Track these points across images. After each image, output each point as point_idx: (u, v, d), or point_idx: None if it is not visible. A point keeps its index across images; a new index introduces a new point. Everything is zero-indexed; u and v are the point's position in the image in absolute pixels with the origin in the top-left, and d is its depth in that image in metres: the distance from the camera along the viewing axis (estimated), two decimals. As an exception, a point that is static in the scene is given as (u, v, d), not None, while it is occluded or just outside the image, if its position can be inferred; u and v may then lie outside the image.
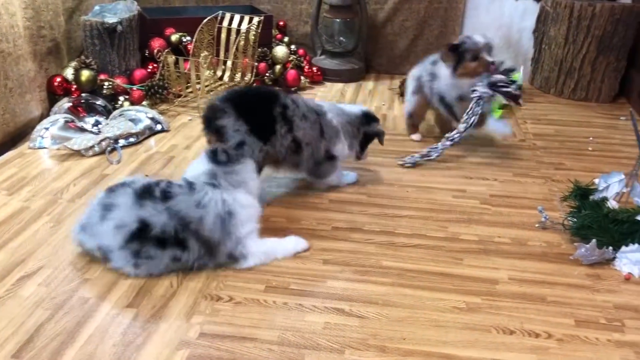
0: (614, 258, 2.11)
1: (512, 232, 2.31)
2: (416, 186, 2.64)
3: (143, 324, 1.74)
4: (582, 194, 2.25)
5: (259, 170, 2.32)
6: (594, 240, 2.08)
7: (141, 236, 1.87)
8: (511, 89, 2.78)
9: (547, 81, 3.85)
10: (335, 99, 3.68)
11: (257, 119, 2.30)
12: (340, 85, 3.92)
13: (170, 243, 1.90)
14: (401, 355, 1.66)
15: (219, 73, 3.66)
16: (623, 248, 2.10)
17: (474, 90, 2.81)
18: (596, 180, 2.35)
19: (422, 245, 2.21)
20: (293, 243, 2.15)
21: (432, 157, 2.87)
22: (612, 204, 2.24)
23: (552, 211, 2.39)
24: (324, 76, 3.95)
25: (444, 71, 2.91)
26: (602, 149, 3.09)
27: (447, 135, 2.87)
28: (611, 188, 2.30)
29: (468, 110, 2.81)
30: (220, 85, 3.58)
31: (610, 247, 2.10)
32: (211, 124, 2.30)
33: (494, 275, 2.04)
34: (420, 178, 2.72)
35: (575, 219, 2.23)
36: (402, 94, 3.67)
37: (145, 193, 1.92)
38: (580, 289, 1.98)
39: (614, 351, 1.70)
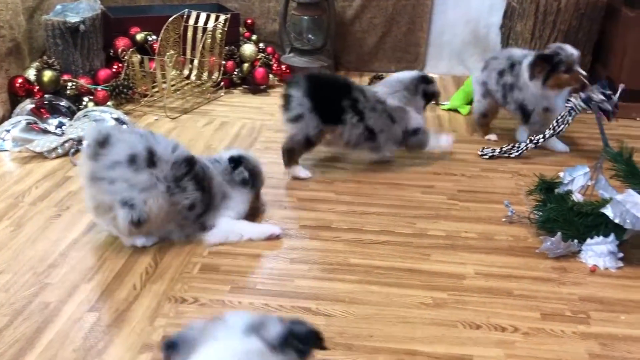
0: (580, 251, 2.13)
1: (479, 227, 2.31)
2: (385, 183, 2.64)
3: (105, 327, 1.71)
4: (547, 188, 2.26)
5: (310, 146, 2.65)
6: (559, 234, 2.09)
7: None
8: (607, 104, 2.74)
9: (514, 76, 3.87)
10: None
11: (323, 102, 2.56)
12: (309, 83, 3.89)
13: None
14: (368, 353, 1.65)
15: (186, 72, 3.62)
16: (588, 240, 2.11)
17: (568, 101, 2.83)
18: (561, 174, 2.36)
19: (390, 241, 2.20)
20: (266, 227, 2.20)
21: (511, 155, 2.90)
22: (577, 197, 2.26)
23: (519, 205, 2.40)
24: (293, 74, 3.92)
25: (527, 82, 2.89)
26: (570, 143, 3.11)
27: (531, 137, 2.90)
28: (576, 181, 2.31)
29: (559, 117, 2.84)
30: (187, 84, 3.54)
31: (576, 240, 2.12)
32: (284, 89, 2.62)
33: (461, 270, 2.04)
34: (389, 174, 2.71)
35: (540, 213, 2.24)
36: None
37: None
38: (546, 282, 1.99)
39: (579, 343, 1.71)
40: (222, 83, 3.63)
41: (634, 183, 2.14)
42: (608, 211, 2.04)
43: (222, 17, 3.50)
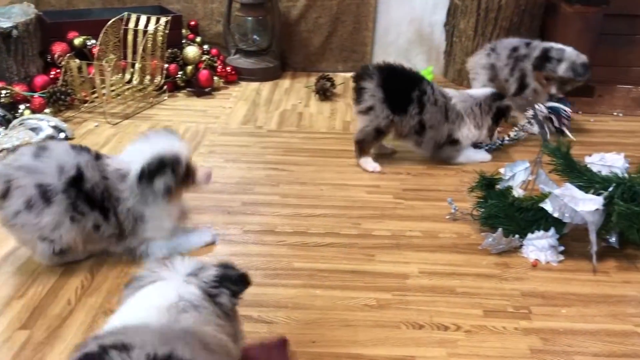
0: (521, 246, 2.14)
1: (423, 225, 2.31)
2: (330, 184, 2.62)
3: (37, 345, 1.64)
4: (487, 184, 2.27)
5: (381, 136, 2.75)
6: (500, 229, 2.10)
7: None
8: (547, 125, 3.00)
9: (459, 73, 3.90)
10: (250, 98, 3.61)
11: (395, 93, 2.67)
12: (255, 84, 3.85)
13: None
14: (310, 358, 1.62)
15: (127, 76, 3.53)
16: (529, 235, 2.13)
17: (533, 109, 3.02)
18: (502, 170, 2.38)
19: (335, 243, 2.18)
20: (198, 237, 2.15)
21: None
22: (518, 192, 2.28)
23: (463, 202, 2.41)
24: (238, 76, 3.87)
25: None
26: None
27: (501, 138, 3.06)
28: (517, 177, 2.33)
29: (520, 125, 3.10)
30: (129, 89, 3.45)
31: (517, 235, 2.13)
32: (357, 83, 2.70)
33: (405, 269, 2.03)
34: (335, 175, 2.69)
35: (482, 209, 2.25)
36: (317, 92, 3.65)
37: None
38: (489, 279, 1.99)
39: (520, 339, 1.72)
40: (165, 86, 3.55)
41: (572, 177, 2.17)
42: (547, 205, 2.06)
43: (163, 20, 3.42)
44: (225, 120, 3.27)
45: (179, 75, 3.62)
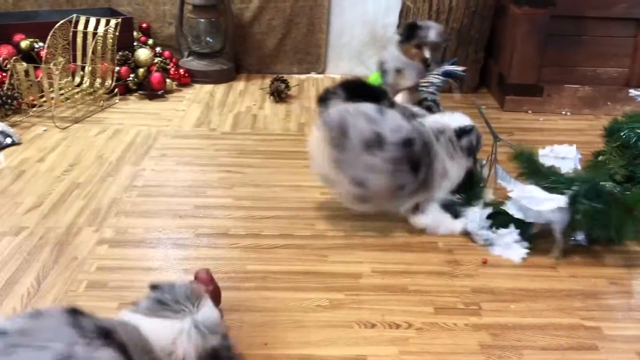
0: (491, 245, 2.18)
1: (377, 224, 2.32)
2: (285, 185, 2.61)
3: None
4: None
5: None
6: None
7: None
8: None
9: (413, 74, 3.94)
10: (204, 101, 3.58)
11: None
12: (209, 86, 3.82)
13: None
14: (261, 361, 1.61)
15: (77, 79, 3.46)
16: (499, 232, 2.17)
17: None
18: None
19: (289, 245, 2.17)
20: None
21: None
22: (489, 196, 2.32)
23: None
24: (192, 78, 3.83)
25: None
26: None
27: None
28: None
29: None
30: (79, 92, 3.38)
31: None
32: (324, 104, 2.49)
33: (358, 269, 2.04)
34: (289, 177, 2.68)
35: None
36: (272, 94, 3.64)
37: None
38: (440, 276, 2.02)
39: (471, 335, 1.75)
40: (117, 90, 3.49)
41: (538, 179, 2.19)
42: (508, 208, 2.10)
43: (113, 22, 3.37)
44: (178, 123, 3.23)
45: (130, 78, 3.56)
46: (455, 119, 2.32)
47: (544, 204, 2.06)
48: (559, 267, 2.09)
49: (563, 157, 2.36)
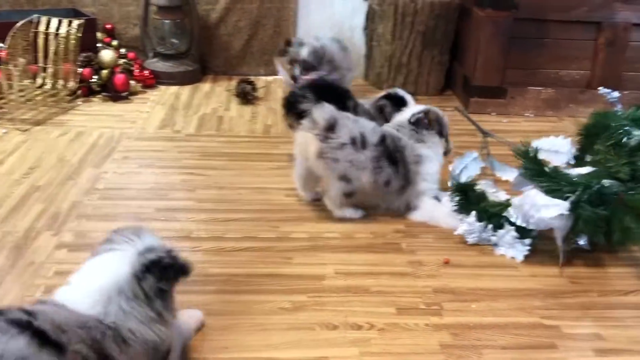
0: (495, 244, 2.19)
1: (341, 226, 2.33)
2: (249, 188, 2.59)
3: None
4: (462, 189, 2.30)
5: None
6: (474, 212, 2.15)
7: None
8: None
9: (379, 77, 3.96)
10: (169, 102, 3.54)
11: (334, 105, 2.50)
12: (174, 88, 3.78)
13: None
14: (221, 365, 1.60)
15: (40, 81, 3.39)
16: (499, 233, 2.18)
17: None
18: (450, 167, 2.44)
19: (252, 247, 2.16)
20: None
21: None
22: (500, 194, 2.34)
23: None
24: (157, 79, 3.79)
25: None
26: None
27: None
28: (469, 168, 2.39)
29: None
30: (41, 93, 3.32)
31: (491, 226, 2.17)
32: (293, 108, 2.61)
33: (322, 271, 2.04)
34: (253, 179, 2.67)
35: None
36: (238, 95, 3.62)
37: None
38: (403, 277, 2.03)
39: (431, 335, 1.76)
40: (80, 91, 3.44)
41: (542, 180, 2.15)
42: (510, 214, 2.11)
43: (76, 23, 3.32)
44: (142, 125, 3.19)
45: (93, 80, 3.51)
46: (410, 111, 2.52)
47: (546, 211, 2.04)
48: (520, 267, 2.12)
49: (557, 150, 2.37)
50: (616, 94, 2.94)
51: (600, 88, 3.08)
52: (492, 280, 2.03)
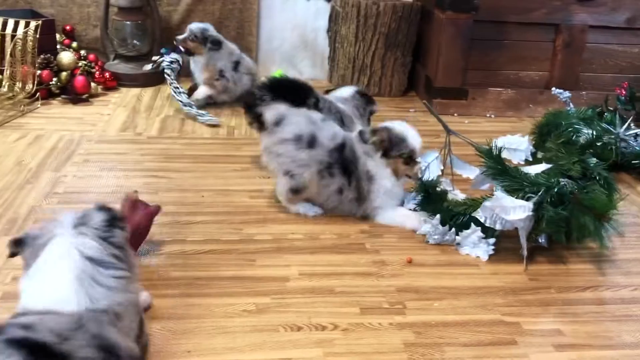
0: (458, 244, 2.21)
1: (305, 227, 2.33)
2: (213, 190, 2.57)
3: None
4: (427, 188, 2.31)
5: None
6: (438, 215, 2.15)
7: None
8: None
9: (343, 78, 3.96)
10: (130, 105, 3.50)
11: (295, 104, 2.53)
12: (136, 90, 3.73)
13: None
14: (184, 369, 1.58)
15: (-4, 83, 3.32)
16: (462, 233, 2.19)
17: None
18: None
19: (215, 250, 2.15)
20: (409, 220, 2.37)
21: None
22: (457, 193, 2.36)
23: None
24: (118, 81, 3.74)
25: None
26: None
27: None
28: (431, 168, 2.40)
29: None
30: (-2, 96, 3.25)
31: (454, 229, 2.19)
32: (251, 110, 2.54)
33: (286, 272, 2.03)
34: (217, 181, 2.65)
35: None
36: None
37: None
38: (367, 277, 2.04)
39: (395, 334, 1.77)
40: (38, 94, 3.37)
41: (504, 179, 2.20)
42: (479, 215, 2.12)
43: (33, 24, 3.25)
44: (103, 127, 3.14)
45: (53, 82, 3.44)
46: None
47: (514, 213, 2.07)
48: (482, 265, 2.15)
49: (515, 148, 2.40)
50: (567, 94, 3.01)
51: (553, 88, 3.15)
52: (454, 279, 2.06)
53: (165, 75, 3.54)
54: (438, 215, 2.18)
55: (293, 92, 2.66)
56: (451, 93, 3.64)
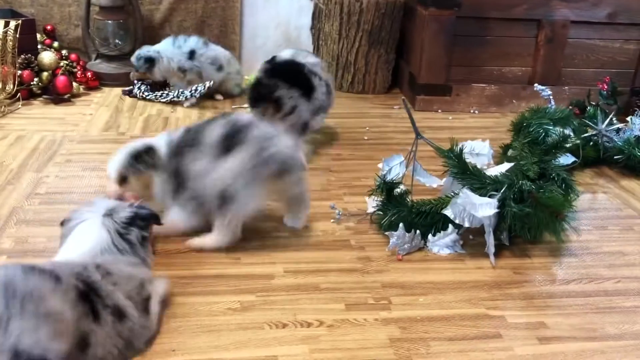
0: (424, 247, 2.20)
1: (290, 225, 2.32)
2: (197, 189, 2.56)
3: None
4: (388, 189, 2.28)
5: (306, 130, 2.87)
6: (401, 226, 2.13)
7: None
8: None
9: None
10: (113, 104, 3.47)
11: (301, 83, 2.79)
12: (119, 89, 3.71)
13: None
14: (169, 368, 1.57)
15: (-24, 84, 3.28)
16: (430, 238, 2.19)
17: None
18: (379, 165, 2.42)
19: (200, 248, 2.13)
20: None
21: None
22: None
23: (330, 200, 2.46)
24: (100, 81, 3.71)
25: None
26: (377, 137, 3.25)
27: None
28: (393, 170, 2.39)
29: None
30: (-22, 97, 3.21)
31: (418, 231, 2.18)
32: (266, 97, 2.71)
33: (270, 270, 2.03)
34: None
35: (381, 213, 2.28)
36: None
37: None
38: (352, 273, 2.03)
39: (380, 329, 1.77)
40: (19, 94, 3.33)
41: (466, 179, 2.20)
42: (448, 212, 2.12)
43: (12, 23, 3.22)
44: (85, 127, 3.12)
45: (34, 82, 3.41)
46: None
47: (482, 210, 2.09)
48: (466, 260, 2.15)
49: (478, 153, 2.42)
50: (549, 91, 3.03)
51: (535, 85, 3.17)
52: (439, 274, 2.06)
53: (147, 96, 3.58)
54: (401, 225, 2.16)
55: (297, 74, 2.83)
56: (435, 90, 3.65)
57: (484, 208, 2.09)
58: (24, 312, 1.26)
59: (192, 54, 3.55)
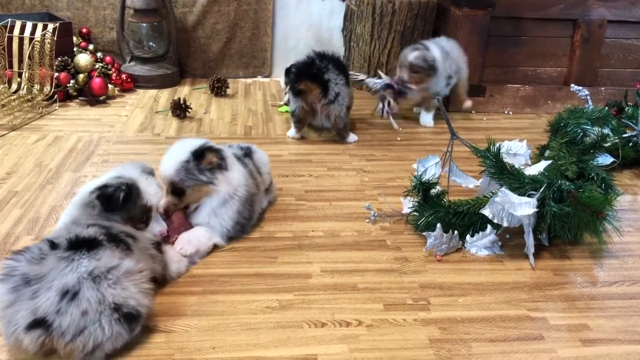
0: (462, 247, 2.18)
1: (325, 225, 2.31)
2: (232, 189, 2.56)
3: None
4: (425, 189, 2.26)
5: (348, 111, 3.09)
6: (438, 226, 2.10)
7: None
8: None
9: (359, 77, 3.96)
10: (147, 106, 3.51)
11: (345, 71, 3.03)
12: (153, 91, 3.75)
13: None
14: (209, 365, 1.58)
15: (15, 86, 3.34)
16: (468, 238, 2.17)
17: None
18: (414, 165, 2.40)
19: (237, 247, 2.14)
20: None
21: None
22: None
23: (364, 200, 2.45)
24: (135, 83, 3.76)
25: None
26: (410, 138, 3.23)
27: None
28: (429, 171, 2.37)
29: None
30: (16, 99, 3.26)
31: (456, 232, 2.16)
32: (316, 78, 2.90)
33: (307, 269, 2.02)
34: (235, 180, 2.64)
35: (417, 214, 2.27)
36: (212, 91, 3.62)
37: None
38: (389, 273, 2.02)
39: (420, 330, 1.75)
40: (56, 96, 3.39)
41: (504, 178, 2.17)
42: (487, 212, 2.09)
43: (50, 27, 3.27)
44: (121, 128, 3.15)
45: (70, 84, 3.46)
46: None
47: (521, 209, 2.06)
48: (505, 261, 2.12)
49: (515, 153, 2.38)
50: (586, 91, 2.97)
51: (572, 85, 3.12)
52: (478, 275, 2.03)
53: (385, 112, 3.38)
54: (439, 225, 2.13)
55: (339, 65, 3.01)
56: (469, 90, 3.61)
57: (523, 207, 2.06)
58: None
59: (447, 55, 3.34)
